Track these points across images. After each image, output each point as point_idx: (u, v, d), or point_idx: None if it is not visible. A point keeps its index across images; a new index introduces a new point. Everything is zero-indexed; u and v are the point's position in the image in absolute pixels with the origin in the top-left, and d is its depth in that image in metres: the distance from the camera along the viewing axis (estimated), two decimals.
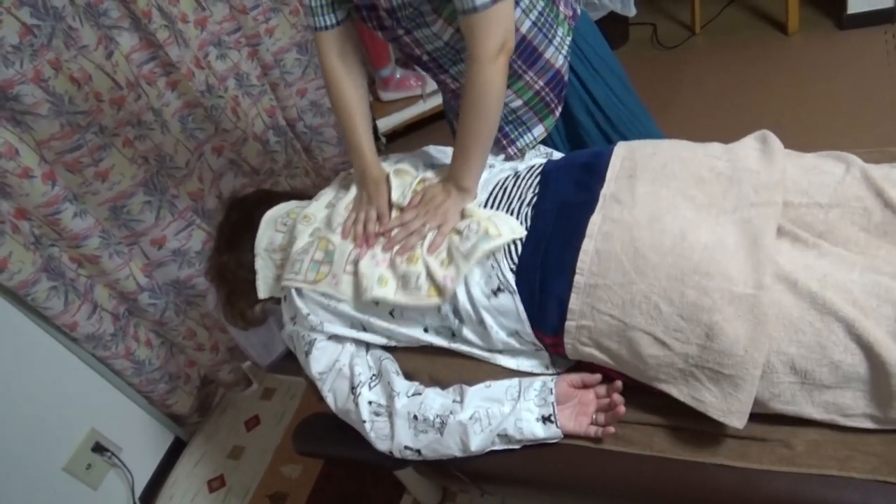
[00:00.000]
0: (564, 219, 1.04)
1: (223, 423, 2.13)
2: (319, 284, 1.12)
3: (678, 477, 0.94)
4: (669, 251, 0.92)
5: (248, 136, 2.07)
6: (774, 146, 1.03)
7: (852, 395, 0.85)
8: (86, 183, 1.64)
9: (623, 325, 0.94)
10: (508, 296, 1.03)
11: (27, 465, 1.63)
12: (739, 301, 0.87)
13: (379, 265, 1.11)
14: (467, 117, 1.11)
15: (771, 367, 0.86)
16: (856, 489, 0.83)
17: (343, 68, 1.24)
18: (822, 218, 0.96)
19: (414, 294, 1.07)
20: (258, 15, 2.08)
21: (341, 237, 1.15)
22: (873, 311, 0.84)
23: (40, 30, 1.51)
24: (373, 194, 1.18)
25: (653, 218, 0.96)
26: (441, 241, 1.09)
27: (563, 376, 1.04)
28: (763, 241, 0.90)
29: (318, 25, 1.20)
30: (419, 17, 1.13)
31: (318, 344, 1.15)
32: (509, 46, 1.08)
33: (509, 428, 1.00)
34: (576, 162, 1.16)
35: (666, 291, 0.90)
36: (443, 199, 1.14)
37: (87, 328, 1.67)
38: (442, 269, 1.06)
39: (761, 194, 0.96)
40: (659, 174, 1.03)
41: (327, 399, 1.15)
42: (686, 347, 0.89)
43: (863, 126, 2.10)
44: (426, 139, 1.41)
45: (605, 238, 0.97)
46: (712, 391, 0.89)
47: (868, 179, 0.95)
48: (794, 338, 0.85)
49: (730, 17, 2.90)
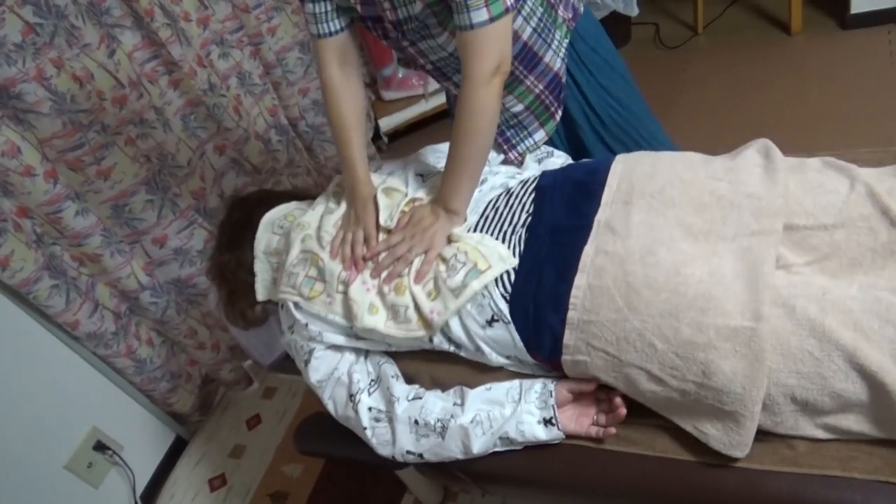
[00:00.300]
0: (558, 246, 1.02)
1: (224, 422, 2.13)
2: (314, 303, 1.12)
3: (680, 477, 0.94)
4: (663, 287, 0.90)
5: (249, 134, 2.07)
6: (777, 163, 1.00)
7: (855, 419, 0.84)
8: (88, 181, 1.64)
9: (618, 362, 0.93)
10: (503, 326, 1.02)
11: (28, 463, 1.63)
12: (736, 336, 0.85)
13: (369, 291, 1.10)
14: (459, 139, 1.09)
15: (771, 399, 0.85)
16: (858, 490, 0.83)
17: (342, 80, 1.22)
18: (828, 240, 0.93)
19: (403, 326, 1.07)
20: (260, 14, 2.08)
21: (330, 256, 1.14)
22: (875, 333, 0.82)
23: (42, 28, 1.51)
24: (360, 214, 1.17)
25: (646, 251, 0.94)
26: (427, 270, 1.07)
27: (563, 379, 1.03)
28: (762, 269, 0.88)
29: (322, 32, 1.18)
30: (424, 29, 1.13)
31: (317, 353, 1.15)
32: (504, 69, 1.06)
33: (511, 431, 1.00)
34: (571, 178, 1.14)
35: (660, 328, 0.89)
36: (430, 221, 1.11)
37: (89, 327, 1.67)
38: (428, 302, 1.05)
39: (762, 222, 0.94)
40: (656, 201, 1.00)
41: (328, 407, 1.15)
42: (683, 384, 0.88)
43: (866, 126, 2.09)
44: (428, 138, 1.41)
45: (598, 273, 0.95)
46: (714, 425, 0.88)
47: (873, 196, 0.93)
48: (794, 368, 0.83)
49: (732, 17, 2.90)
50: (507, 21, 1.03)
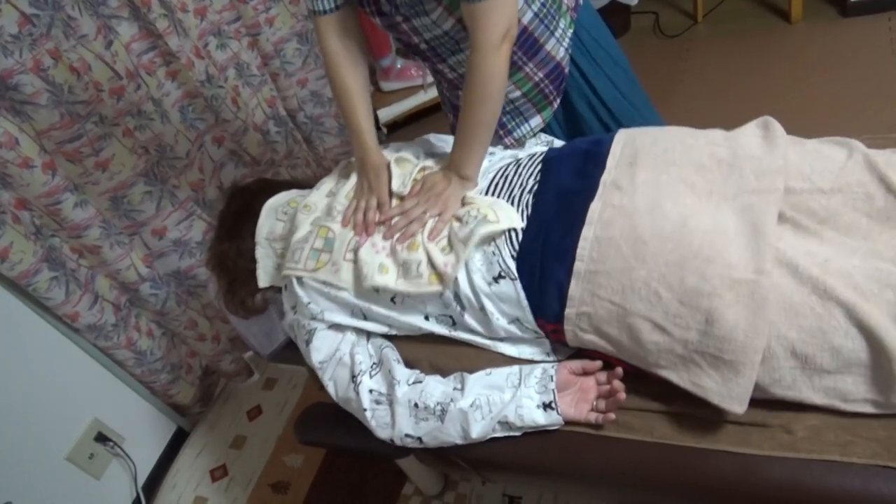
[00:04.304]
0: (565, 206, 1.04)
1: (225, 413, 2.14)
2: (319, 272, 1.12)
3: (679, 463, 0.94)
4: (669, 237, 0.92)
5: (248, 126, 2.07)
6: (776, 132, 1.02)
7: (853, 380, 0.85)
8: (86, 173, 1.64)
9: (623, 311, 0.94)
10: (509, 282, 1.03)
11: (30, 455, 1.64)
12: (739, 286, 0.86)
13: (379, 253, 1.11)
14: (470, 105, 1.10)
15: (771, 352, 0.86)
16: (857, 474, 0.83)
17: (343, 51, 1.21)
18: (825, 204, 0.95)
19: (415, 281, 1.07)
20: (258, 4, 2.07)
21: (341, 225, 1.15)
22: (874, 296, 0.83)
23: (39, 19, 1.50)
24: (373, 182, 1.18)
25: (653, 204, 0.96)
26: (442, 228, 1.09)
27: (563, 363, 1.04)
28: (764, 228, 0.90)
29: (318, 9, 1.18)
30: (418, 4, 1.12)
31: (319, 333, 1.15)
32: (513, 34, 1.07)
33: (510, 415, 1.00)
34: (577, 149, 1.15)
35: (665, 277, 0.90)
36: (444, 186, 1.13)
37: (89, 318, 1.68)
38: (442, 256, 1.06)
39: (762, 180, 0.96)
40: (659, 161, 1.02)
41: (328, 388, 1.15)
42: (686, 333, 0.89)
43: (866, 113, 2.09)
44: (427, 129, 1.41)
45: (605, 225, 0.97)
46: (712, 376, 0.88)
47: (870, 164, 0.95)
48: (795, 322, 0.85)
49: (732, 6, 2.88)
50: None
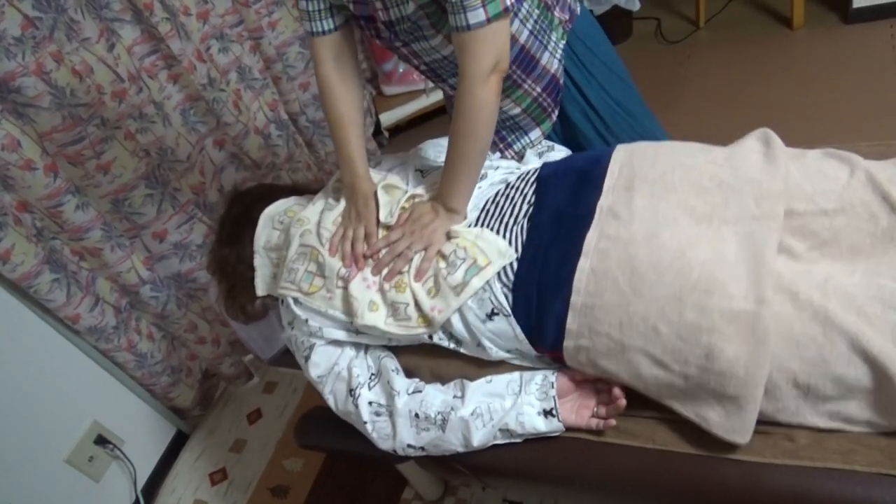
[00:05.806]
0: (561, 231, 1.02)
1: (225, 417, 2.13)
2: (314, 298, 1.12)
3: (681, 470, 0.94)
4: (667, 268, 0.90)
5: (249, 129, 2.07)
6: (777, 149, 1.00)
7: (857, 405, 0.84)
8: (87, 175, 1.64)
9: (621, 347, 0.92)
10: (503, 319, 1.02)
11: (29, 457, 1.63)
12: (739, 319, 0.85)
13: (370, 288, 1.10)
14: (457, 138, 1.08)
15: (773, 383, 0.85)
16: (859, 482, 0.83)
17: (338, 77, 1.20)
18: (828, 225, 0.93)
19: (403, 324, 1.07)
20: (261, 8, 2.08)
21: (329, 253, 1.13)
22: (877, 318, 0.82)
23: (42, 22, 1.51)
24: (361, 211, 1.16)
25: (650, 234, 0.94)
26: (427, 267, 1.07)
27: (564, 370, 1.04)
28: (764, 255, 0.88)
29: (315, 31, 1.16)
30: (417, 31, 1.11)
31: (318, 348, 1.15)
32: (502, 67, 1.04)
33: (511, 422, 1.00)
34: (573, 167, 1.13)
35: (664, 311, 0.89)
36: (430, 218, 1.11)
37: (89, 321, 1.68)
38: (429, 300, 1.05)
39: (763, 206, 0.93)
40: (658, 186, 1.00)
41: (328, 402, 1.15)
42: (686, 368, 0.88)
43: (868, 120, 2.09)
44: (429, 133, 1.41)
45: (602, 256, 0.95)
46: (716, 409, 0.88)
47: (873, 182, 0.93)
48: (797, 353, 0.83)
49: (734, 12, 2.88)
50: (506, 22, 1.02)
